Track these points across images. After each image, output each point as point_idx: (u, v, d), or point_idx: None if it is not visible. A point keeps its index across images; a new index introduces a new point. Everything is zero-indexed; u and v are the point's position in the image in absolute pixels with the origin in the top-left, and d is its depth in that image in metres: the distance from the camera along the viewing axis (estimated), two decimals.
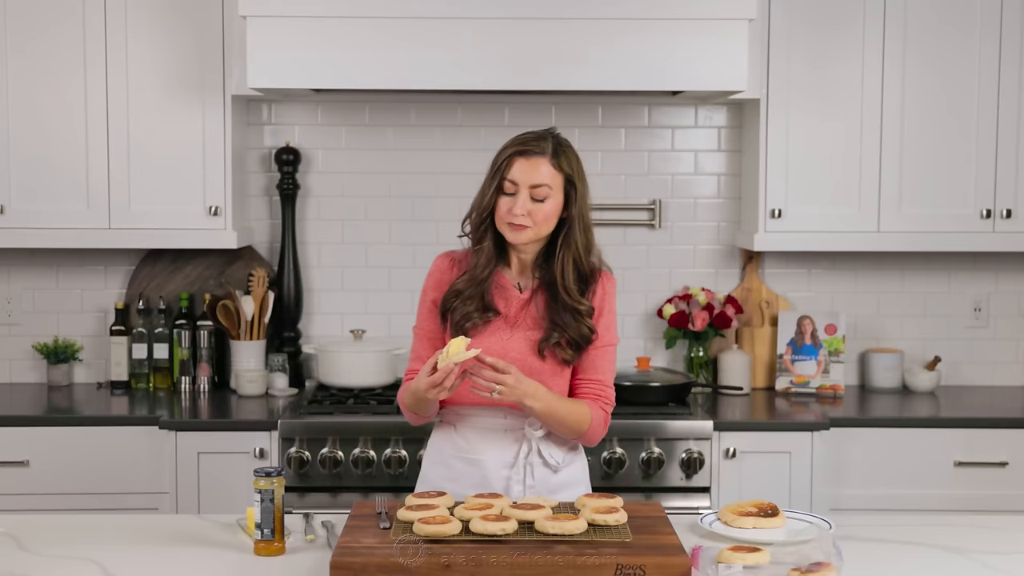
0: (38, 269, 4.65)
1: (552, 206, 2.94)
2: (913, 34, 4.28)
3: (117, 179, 4.27)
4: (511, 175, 2.93)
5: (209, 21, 4.22)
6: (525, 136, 2.99)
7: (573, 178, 2.95)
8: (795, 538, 2.71)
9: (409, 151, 4.65)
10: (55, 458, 4.04)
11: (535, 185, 2.92)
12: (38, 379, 4.67)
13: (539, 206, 2.93)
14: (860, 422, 4.16)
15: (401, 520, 2.65)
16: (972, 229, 4.34)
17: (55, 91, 4.24)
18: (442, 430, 3.11)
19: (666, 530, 2.66)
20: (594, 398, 3.02)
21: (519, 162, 2.94)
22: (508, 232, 2.96)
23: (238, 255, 4.64)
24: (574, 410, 2.96)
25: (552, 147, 2.96)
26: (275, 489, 2.66)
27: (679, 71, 3.98)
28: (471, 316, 2.98)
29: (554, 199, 2.94)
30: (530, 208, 2.92)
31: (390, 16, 3.94)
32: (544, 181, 2.92)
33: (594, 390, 3.03)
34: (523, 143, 2.96)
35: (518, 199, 2.92)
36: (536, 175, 2.92)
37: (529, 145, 2.95)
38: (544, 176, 2.92)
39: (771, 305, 4.67)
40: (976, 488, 4.12)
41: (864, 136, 4.32)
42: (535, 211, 2.92)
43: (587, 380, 3.03)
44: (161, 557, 2.67)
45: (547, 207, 2.93)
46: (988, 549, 2.75)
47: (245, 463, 3.99)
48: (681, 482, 4.01)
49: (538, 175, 2.92)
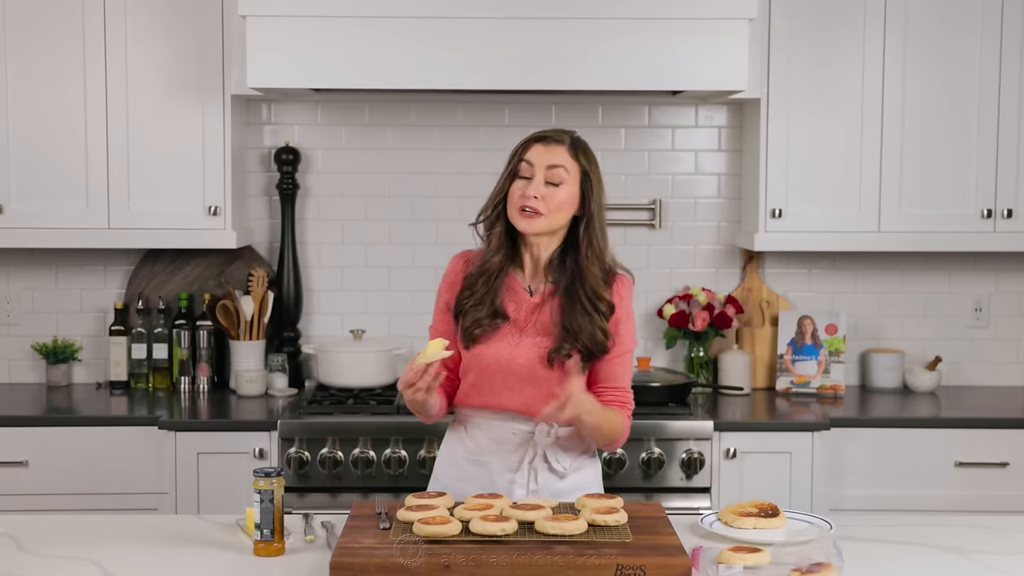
0: (37, 269, 4.65)
1: (567, 194, 2.92)
2: (914, 33, 4.27)
3: (116, 179, 4.26)
4: (528, 156, 2.93)
5: (209, 20, 4.21)
6: (545, 129, 3.01)
7: (590, 173, 2.94)
8: (795, 538, 2.70)
9: (409, 151, 4.64)
10: (54, 458, 4.03)
11: (552, 166, 2.91)
12: (37, 379, 4.67)
13: (554, 191, 2.90)
14: (861, 422, 4.15)
15: (401, 520, 2.64)
16: (973, 229, 4.33)
17: (55, 91, 4.23)
18: (454, 430, 3.11)
19: (666, 530, 2.66)
20: (619, 406, 3.00)
21: (536, 146, 2.94)
22: (520, 220, 2.92)
23: (238, 255, 4.63)
24: (611, 419, 2.95)
25: (571, 140, 2.97)
26: (275, 489, 2.65)
27: (679, 71, 3.98)
28: (481, 322, 2.96)
29: (569, 187, 2.92)
30: (544, 192, 2.90)
31: (390, 16, 3.93)
32: (561, 163, 2.91)
33: (619, 398, 3.01)
34: (543, 131, 2.98)
35: (533, 182, 2.90)
36: (553, 157, 2.91)
37: (548, 133, 2.96)
38: (561, 159, 2.92)
39: (771, 305, 4.67)
40: (977, 488, 4.12)
41: (865, 136, 4.31)
42: (549, 196, 2.90)
43: (609, 388, 3.01)
44: (161, 558, 2.66)
45: (561, 193, 2.91)
46: (989, 550, 2.75)
47: (244, 463, 3.98)
48: (681, 482, 4.00)
49: (555, 157, 2.92)
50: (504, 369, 2.95)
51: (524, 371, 2.94)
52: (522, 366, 2.94)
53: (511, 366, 2.94)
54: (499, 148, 4.53)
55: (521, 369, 2.94)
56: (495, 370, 2.96)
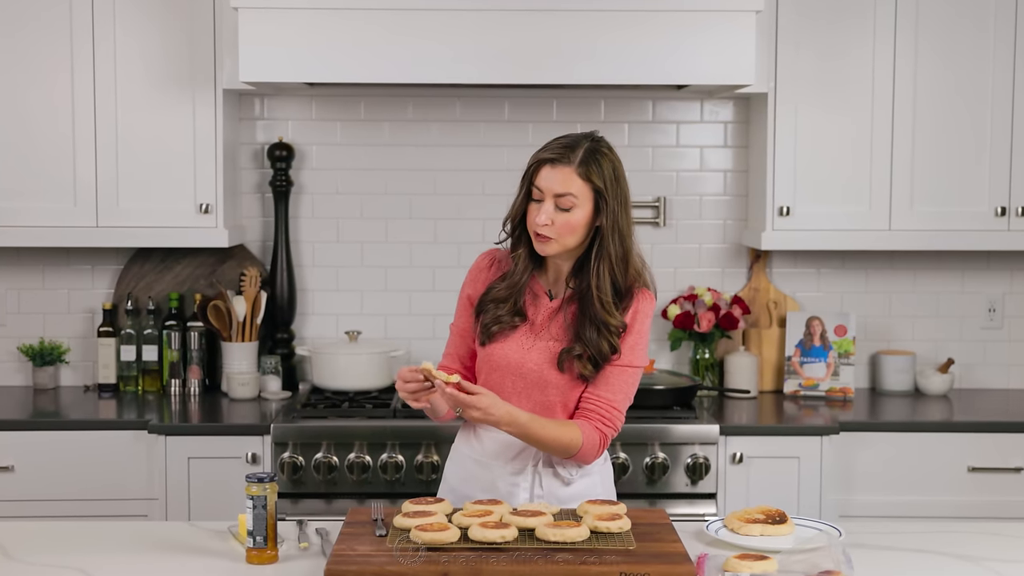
0: (23, 268, 4.63)
1: (579, 217, 2.89)
2: (925, 26, 4.26)
3: (105, 176, 4.25)
4: (537, 182, 2.91)
5: (200, 13, 4.21)
6: (559, 141, 2.94)
7: (603, 190, 2.89)
8: (804, 546, 2.68)
9: (406, 147, 4.63)
10: (41, 463, 4.02)
11: (559, 195, 2.88)
12: (23, 382, 4.65)
13: (564, 216, 2.88)
14: (871, 426, 4.14)
15: (398, 527, 2.65)
16: (986, 227, 4.32)
17: (40, 84, 4.22)
18: (464, 431, 3.13)
19: (671, 537, 2.65)
20: (592, 415, 2.95)
21: (545, 170, 2.91)
22: (535, 242, 2.94)
23: (229, 254, 4.63)
24: (560, 435, 2.91)
25: (583, 155, 2.89)
26: (268, 495, 2.64)
27: (684, 64, 3.98)
28: (501, 319, 2.97)
29: (581, 209, 2.89)
30: (554, 217, 2.88)
31: (387, 8, 3.93)
32: (568, 191, 2.87)
33: (597, 407, 2.96)
34: (552, 150, 2.92)
35: (543, 208, 2.89)
36: (560, 184, 2.88)
37: (556, 153, 2.90)
38: (569, 186, 2.88)
39: (779, 305, 4.65)
40: (990, 494, 4.10)
41: (875, 131, 4.30)
42: (559, 221, 2.88)
43: (592, 395, 2.97)
44: (150, 565, 2.66)
45: (573, 218, 2.88)
46: (1002, 557, 2.74)
47: (237, 468, 3.96)
48: (686, 488, 3.98)
49: (562, 185, 2.88)
50: (514, 372, 2.97)
51: (534, 375, 2.95)
52: (532, 370, 2.95)
53: (521, 369, 2.95)
54: (499, 144, 4.58)
55: (531, 373, 2.95)
56: (505, 372, 2.97)
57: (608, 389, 2.96)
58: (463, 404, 2.79)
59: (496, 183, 4.53)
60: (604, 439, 2.96)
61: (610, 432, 2.96)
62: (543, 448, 2.93)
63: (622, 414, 2.98)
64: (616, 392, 2.96)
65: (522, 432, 2.88)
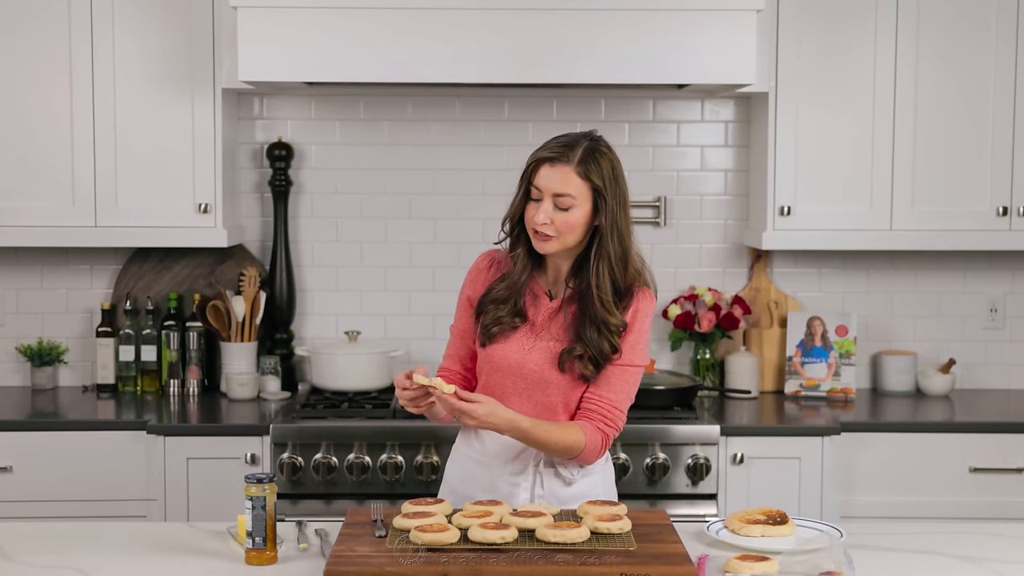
0: (22, 268, 4.62)
1: (578, 216, 2.89)
2: (926, 25, 4.24)
3: (103, 175, 4.24)
4: (536, 181, 2.91)
5: (199, 12, 4.20)
6: (558, 140, 2.94)
7: (602, 188, 2.88)
8: (805, 547, 2.68)
9: (405, 146, 4.62)
10: (39, 464, 4.01)
11: (558, 194, 2.87)
12: (22, 382, 4.64)
13: (563, 215, 2.88)
14: (872, 427, 4.13)
15: (397, 528, 2.65)
16: (988, 227, 4.31)
17: (39, 84, 4.21)
18: (466, 430, 3.13)
19: (671, 538, 2.65)
20: (594, 415, 2.95)
21: (544, 169, 2.90)
22: (534, 240, 2.93)
23: (228, 254, 4.62)
24: (562, 438, 2.90)
25: (582, 154, 2.89)
26: (267, 496, 2.63)
27: (685, 63, 3.97)
28: (501, 320, 2.97)
29: (580, 209, 2.88)
30: (553, 216, 2.88)
31: (386, 7, 3.92)
32: (567, 191, 2.87)
33: (599, 407, 2.95)
34: (551, 149, 2.91)
35: (541, 207, 2.89)
36: (558, 184, 2.88)
37: (555, 152, 2.90)
38: (567, 186, 2.87)
39: (780, 306, 4.64)
40: (992, 495, 4.10)
41: (876, 131, 4.29)
42: (558, 220, 2.88)
43: (594, 395, 2.97)
44: (149, 566, 2.65)
45: (572, 217, 2.88)
46: (1003, 558, 2.73)
47: (236, 469, 3.95)
48: (687, 489, 3.97)
49: (561, 184, 2.87)
50: (515, 372, 2.96)
51: (534, 376, 2.95)
52: (532, 371, 2.95)
53: (521, 370, 2.95)
54: (499, 143, 4.57)
55: (531, 373, 2.95)
56: (506, 372, 2.97)
57: (609, 389, 2.95)
58: (462, 413, 2.79)
59: (496, 183, 4.52)
60: (606, 439, 2.96)
61: (612, 432, 2.96)
62: (546, 451, 2.93)
63: (624, 414, 2.98)
64: (617, 392, 2.96)
65: (525, 438, 2.87)
